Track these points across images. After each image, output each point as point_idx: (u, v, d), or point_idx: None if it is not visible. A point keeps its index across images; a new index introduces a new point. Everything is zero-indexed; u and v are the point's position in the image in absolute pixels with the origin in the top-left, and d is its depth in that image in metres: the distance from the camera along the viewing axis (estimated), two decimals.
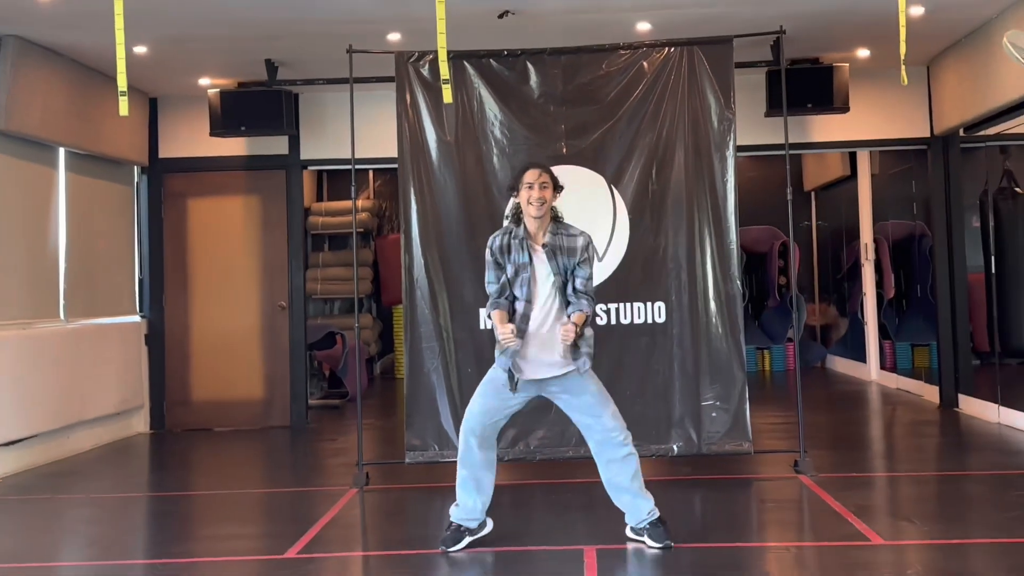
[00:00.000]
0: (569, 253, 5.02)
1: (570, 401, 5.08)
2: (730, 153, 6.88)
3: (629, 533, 5.14)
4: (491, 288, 5.08)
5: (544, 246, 5.00)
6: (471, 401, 5.18)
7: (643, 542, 5.05)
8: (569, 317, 4.94)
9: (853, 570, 4.59)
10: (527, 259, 4.98)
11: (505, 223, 5.29)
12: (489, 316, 5.09)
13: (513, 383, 4.97)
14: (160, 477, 7.91)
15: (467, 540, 5.11)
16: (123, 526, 6.12)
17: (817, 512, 5.73)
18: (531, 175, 5.07)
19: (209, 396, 9.65)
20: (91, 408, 8.56)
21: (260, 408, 9.65)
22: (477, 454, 5.07)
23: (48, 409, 7.90)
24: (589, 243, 5.09)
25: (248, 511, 6.41)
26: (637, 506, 5.08)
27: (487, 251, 5.10)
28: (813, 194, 14.55)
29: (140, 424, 9.51)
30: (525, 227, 5.05)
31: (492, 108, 6.93)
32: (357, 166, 7.22)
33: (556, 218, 5.12)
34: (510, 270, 5.01)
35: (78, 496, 6.88)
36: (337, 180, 14.15)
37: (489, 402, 5.06)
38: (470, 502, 5.10)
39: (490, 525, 5.20)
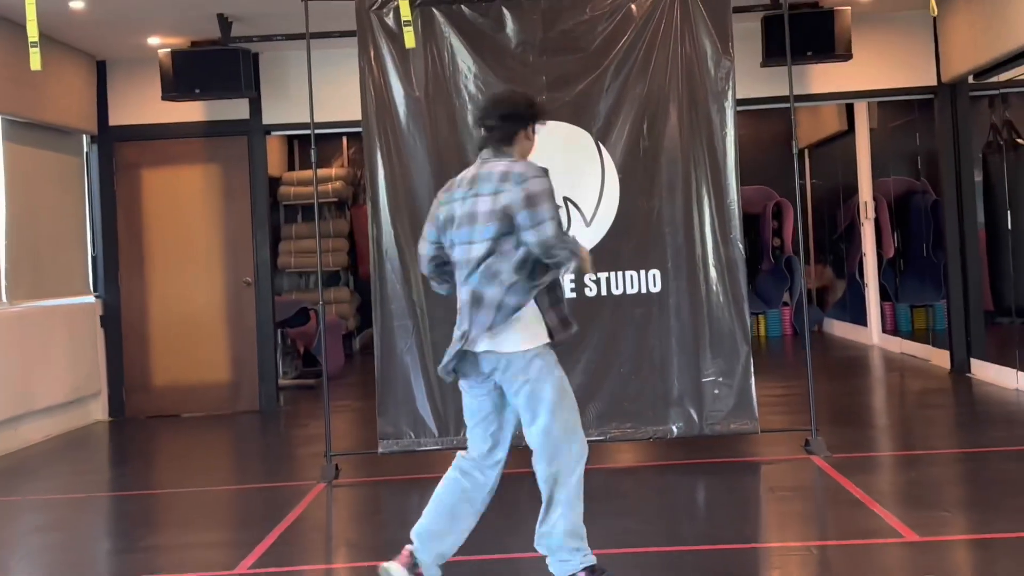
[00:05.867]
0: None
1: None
2: (729, 104, 6.23)
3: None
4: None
5: None
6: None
7: None
8: None
9: (888, 574, 3.99)
10: None
11: None
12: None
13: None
14: (115, 473, 7.30)
15: None
16: (71, 533, 5.49)
17: (836, 501, 5.14)
18: None
19: (172, 380, 9.01)
20: (41, 397, 7.91)
21: (227, 392, 9.01)
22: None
23: None
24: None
25: (207, 512, 5.79)
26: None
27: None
28: (807, 151, 13.95)
29: (98, 412, 8.86)
30: None
31: (465, 59, 6.27)
32: (319, 131, 6.62)
33: None
34: None
35: (26, 497, 6.25)
36: (308, 148, 13.42)
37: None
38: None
39: None
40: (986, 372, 8.41)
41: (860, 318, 12.04)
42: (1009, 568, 4.07)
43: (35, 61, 4.37)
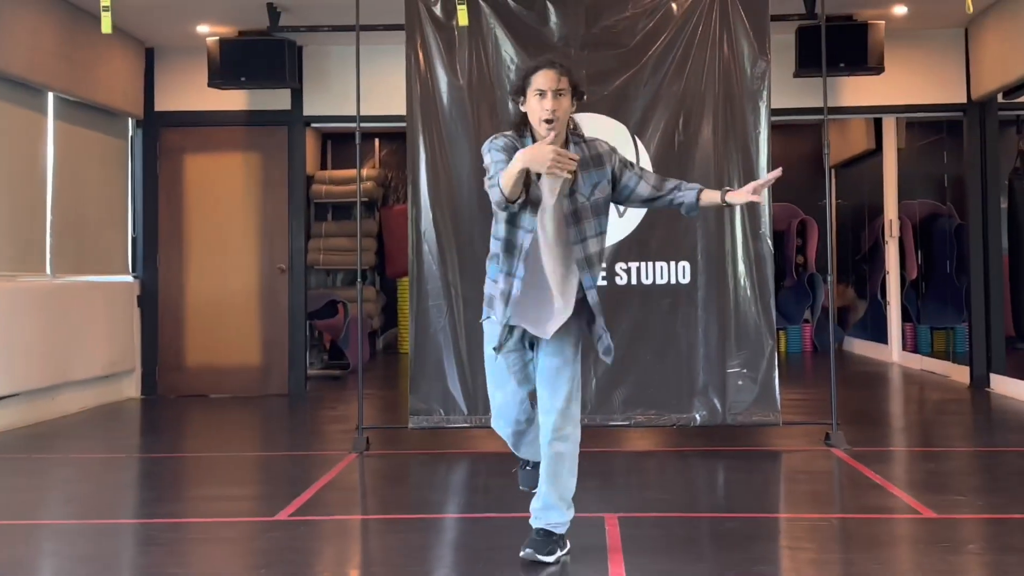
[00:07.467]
0: (595, 163, 3.89)
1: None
2: (764, 103, 6.42)
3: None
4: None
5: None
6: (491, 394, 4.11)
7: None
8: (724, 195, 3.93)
9: (905, 543, 4.14)
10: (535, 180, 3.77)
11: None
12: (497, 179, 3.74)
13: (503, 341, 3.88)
14: (149, 440, 7.48)
15: None
16: (107, 485, 5.68)
17: (856, 484, 5.28)
18: (544, 78, 3.79)
19: (204, 361, 9.20)
20: (78, 369, 8.12)
21: (257, 375, 9.21)
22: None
23: (32, 366, 7.46)
24: (614, 148, 4.01)
25: (240, 473, 5.97)
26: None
27: (490, 150, 3.85)
28: (833, 171, 14.09)
29: (131, 389, 9.06)
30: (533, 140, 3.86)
31: (508, 51, 6.47)
32: (363, 124, 6.70)
33: (574, 131, 3.93)
34: None
35: (61, 455, 6.45)
36: (342, 148, 13.70)
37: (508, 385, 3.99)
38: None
39: None
40: (1005, 386, 8.51)
41: (880, 337, 12.13)
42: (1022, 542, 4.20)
43: (106, 24, 4.58)
